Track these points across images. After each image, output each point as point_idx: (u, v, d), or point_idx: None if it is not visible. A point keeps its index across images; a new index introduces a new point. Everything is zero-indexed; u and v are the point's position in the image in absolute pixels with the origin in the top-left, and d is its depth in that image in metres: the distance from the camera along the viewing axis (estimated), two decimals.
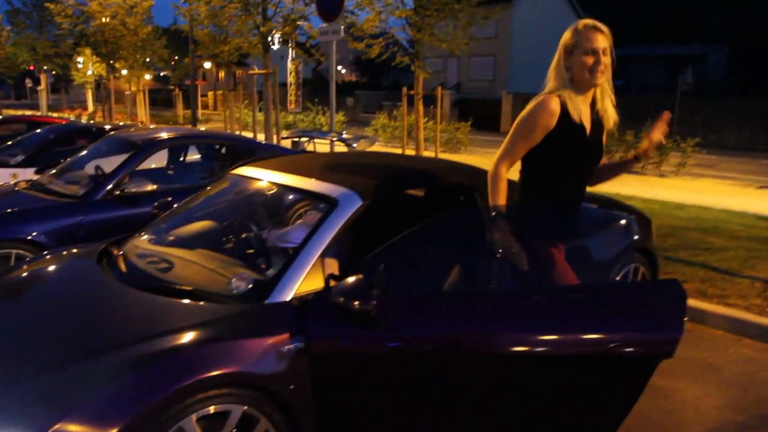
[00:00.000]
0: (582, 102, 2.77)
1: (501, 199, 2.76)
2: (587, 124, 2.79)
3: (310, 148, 8.33)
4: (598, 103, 2.82)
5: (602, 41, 2.66)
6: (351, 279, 2.34)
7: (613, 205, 4.39)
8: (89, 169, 5.39)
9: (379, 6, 12.93)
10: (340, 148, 7.44)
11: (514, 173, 2.91)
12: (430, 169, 3.49)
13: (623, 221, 4.06)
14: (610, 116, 2.83)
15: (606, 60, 2.68)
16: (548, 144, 2.75)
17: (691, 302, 4.83)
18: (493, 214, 2.79)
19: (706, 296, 4.94)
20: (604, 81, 2.75)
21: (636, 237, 4.03)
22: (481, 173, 3.62)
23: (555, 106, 2.73)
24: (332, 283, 2.41)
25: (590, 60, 2.66)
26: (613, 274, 3.83)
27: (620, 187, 10.86)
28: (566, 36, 2.75)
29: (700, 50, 42.08)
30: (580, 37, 2.68)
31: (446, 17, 12.97)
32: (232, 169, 3.68)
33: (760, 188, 12.41)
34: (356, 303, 2.28)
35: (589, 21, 2.71)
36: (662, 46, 42.09)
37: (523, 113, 2.79)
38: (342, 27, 7.78)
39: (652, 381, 3.71)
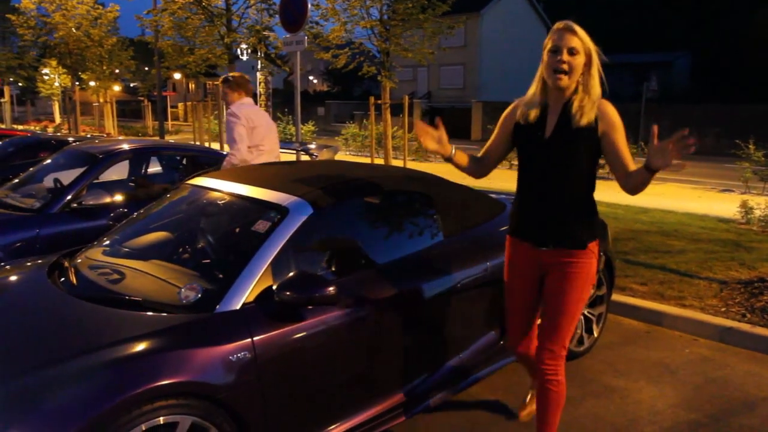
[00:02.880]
0: (554, 102, 2.64)
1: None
2: (549, 126, 2.63)
3: None
4: (575, 104, 2.59)
5: (569, 40, 2.51)
6: (292, 275, 2.53)
7: None
8: (47, 182, 5.31)
9: (344, 17, 12.98)
10: (305, 157, 7.45)
11: None
12: (384, 178, 3.51)
13: None
14: (582, 119, 2.57)
15: (574, 60, 2.52)
16: (517, 147, 2.80)
17: (649, 304, 4.93)
18: None
19: (664, 298, 5.04)
20: (590, 81, 2.58)
21: None
22: (435, 181, 3.68)
23: (509, 108, 2.82)
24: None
25: (553, 59, 2.54)
26: None
27: None
28: None
29: (664, 58, 43.03)
30: (549, 36, 2.59)
31: (412, 27, 13.07)
32: (189, 179, 3.68)
33: (722, 191, 12.70)
34: (315, 291, 2.50)
35: (561, 22, 2.58)
36: (629, 54, 42.94)
37: None
38: (305, 37, 7.79)
39: (608, 381, 3.81)
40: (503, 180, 12.29)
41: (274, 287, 2.53)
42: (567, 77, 2.54)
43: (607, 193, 11.18)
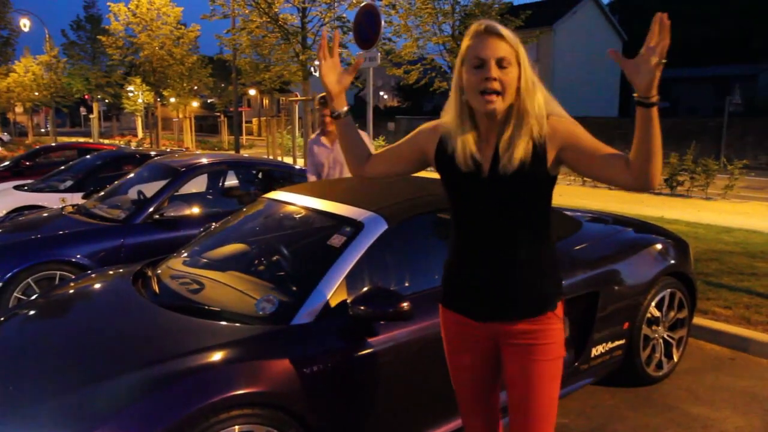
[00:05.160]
0: (486, 130, 1.94)
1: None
2: (485, 163, 1.92)
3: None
4: (503, 138, 1.89)
5: (497, 48, 1.81)
6: (366, 289, 2.53)
7: (648, 230, 4.31)
8: (131, 194, 5.58)
9: (416, 33, 13.09)
10: None
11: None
12: None
13: (659, 245, 3.98)
14: (514, 154, 1.86)
15: (507, 74, 1.82)
16: (446, 186, 2.06)
17: (734, 329, 4.68)
18: None
19: (750, 323, 4.78)
20: (528, 103, 1.87)
21: (672, 261, 3.95)
22: None
23: (430, 126, 2.08)
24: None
25: (477, 76, 1.83)
26: (648, 299, 3.75)
27: (664, 210, 10.65)
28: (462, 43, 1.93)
29: (749, 70, 41.15)
30: (467, 43, 1.88)
31: None
32: (266, 194, 3.77)
33: None
34: (390, 307, 2.45)
35: (480, 22, 1.86)
36: (710, 67, 41.34)
37: None
38: (378, 54, 7.89)
39: (689, 409, 3.64)
40: (578, 197, 12.02)
41: (349, 301, 2.55)
42: (501, 99, 1.83)
43: (686, 211, 10.80)
